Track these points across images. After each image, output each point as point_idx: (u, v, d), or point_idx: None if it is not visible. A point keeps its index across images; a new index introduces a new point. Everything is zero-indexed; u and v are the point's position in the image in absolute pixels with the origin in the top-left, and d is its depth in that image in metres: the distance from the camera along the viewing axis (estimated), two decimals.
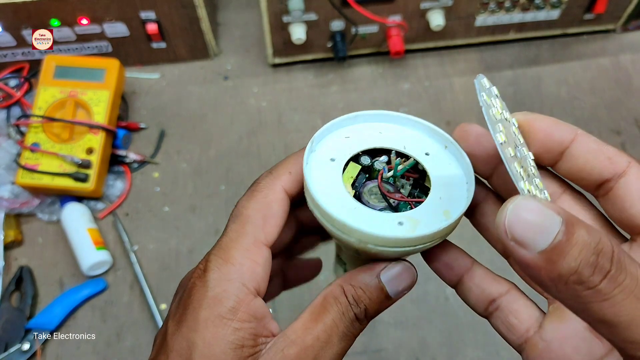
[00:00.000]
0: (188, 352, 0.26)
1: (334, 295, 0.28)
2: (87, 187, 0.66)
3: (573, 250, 0.20)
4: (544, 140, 0.28)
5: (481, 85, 0.26)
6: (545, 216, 0.21)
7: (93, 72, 0.70)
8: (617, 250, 0.20)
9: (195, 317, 0.26)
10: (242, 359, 0.26)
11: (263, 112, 0.77)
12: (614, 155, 0.27)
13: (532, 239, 0.21)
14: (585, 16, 0.79)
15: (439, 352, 0.61)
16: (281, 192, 0.29)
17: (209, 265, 0.28)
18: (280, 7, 0.70)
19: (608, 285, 0.20)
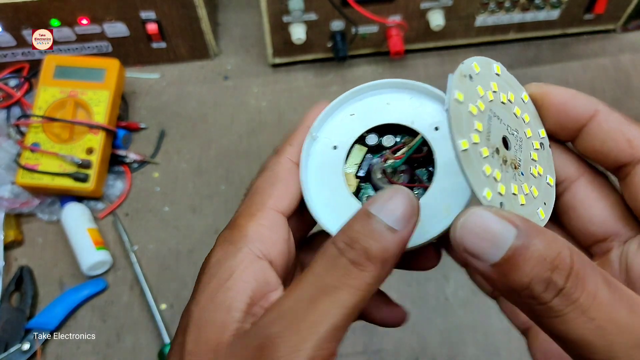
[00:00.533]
0: (185, 322, 0.25)
1: (321, 251, 0.23)
2: (87, 187, 0.66)
3: (525, 265, 0.19)
4: (559, 116, 0.26)
5: (460, 78, 0.23)
6: (498, 228, 0.20)
7: (93, 72, 0.70)
8: (577, 265, 0.19)
9: (198, 286, 0.26)
10: (226, 324, 0.23)
11: (263, 112, 0.77)
12: (635, 138, 0.24)
13: (483, 251, 0.20)
14: (585, 16, 0.79)
15: (439, 352, 0.61)
16: (288, 162, 0.29)
17: (218, 239, 0.27)
18: (280, 7, 0.70)
19: (560, 302, 0.19)
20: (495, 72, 0.26)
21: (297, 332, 0.21)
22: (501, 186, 0.23)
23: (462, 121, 0.22)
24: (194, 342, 0.23)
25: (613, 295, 0.19)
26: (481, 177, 0.22)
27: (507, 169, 0.24)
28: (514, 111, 0.25)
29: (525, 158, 0.25)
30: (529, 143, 0.25)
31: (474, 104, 0.23)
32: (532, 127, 0.26)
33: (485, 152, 0.23)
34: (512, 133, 0.25)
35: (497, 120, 0.24)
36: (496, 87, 0.25)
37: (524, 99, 0.26)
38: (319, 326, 0.21)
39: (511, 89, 0.26)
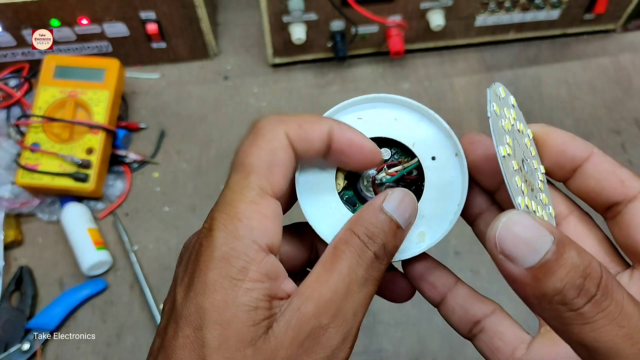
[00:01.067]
0: (198, 318, 0.24)
1: (345, 241, 0.25)
2: (87, 187, 0.66)
3: (560, 271, 0.20)
4: (557, 156, 0.28)
5: (494, 95, 0.25)
6: (537, 233, 0.21)
7: (93, 72, 0.70)
8: (605, 276, 0.20)
9: (203, 281, 0.24)
10: (256, 322, 0.24)
11: (263, 112, 0.77)
12: (627, 179, 0.26)
13: (521, 254, 0.21)
14: (585, 16, 0.79)
15: (439, 352, 0.61)
16: (285, 140, 0.26)
17: (214, 224, 0.25)
18: (280, 7, 0.70)
19: (591, 309, 0.20)
20: (512, 102, 0.27)
21: (345, 322, 0.24)
22: (528, 200, 0.24)
23: (500, 131, 0.24)
24: (219, 339, 0.24)
25: (637, 307, 0.20)
26: (516, 185, 0.23)
27: (528, 188, 0.25)
28: (525, 141, 0.27)
29: (536, 185, 0.26)
30: (537, 172, 0.27)
31: (505, 120, 0.25)
32: (537, 160, 0.28)
33: (516, 165, 0.24)
34: (526, 159, 0.26)
35: (517, 142, 0.26)
36: (515, 115, 0.27)
37: (530, 135, 0.28)
38: (359, 315, 0.25)
39: (521, 121, 0.27)
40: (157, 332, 0.26)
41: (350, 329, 0.24)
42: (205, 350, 0.23)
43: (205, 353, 0.23)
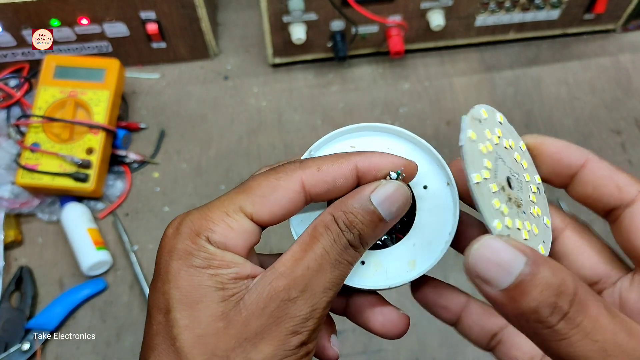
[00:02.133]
0: (166, 303, 0.25)
1: (324, 224, 0.26)
2: (87, 187, 0.66)
3: (534, 291, 0.21)
4: (552, 165, 0.28)
5: (471, 121, 0.25)
6: (509, 256, 0.21)
7: (93, 72, 0.70)
8: (580, 291, 0.21)
9: (167, 270, 0.26)
10: (225, 298, 0.25)
11: (263, 112, 0.77)
12: (624, 184, 0.26)
13: (495, 277, 0.22)
14: (585, 16, 0.79)
15: (439, 352, 0.61)
16: (296, 183, 0.27)
17: (185, 219, 0.27)
18: (280, 7, 0.70)
19: (565, 326, 0.21)
20: (499, 120, 0.28)
21: (314, 296, 0.25)
22: (508, 220, 0.25)
23: (475, 157, 0.24)
24: (188, 318, 0.25)
25: (613, 320, 0.21)
26: (492, 209, 0.24)
27: (512, 206, 0.25)
28: (515, 156, 0.27)
29: (526, 199, 0.27)
30: (528, 186, 0.27)
31: (484, 144, 0.25)
32: (530, 172, 0.28)
33: (495, 188, 0.25)
34: (514, 175, 0.27)
35: (502, 162, 0.26)
36: (500, 133, 0.27)
37: (522, 148, 0.28)
38: (328, 292, 0.26)
39: (511, 136, 0.28)
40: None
41: (318, 302, 0.26)
42: (175, 330, 0.25)
43: (176, 333, 0.25)
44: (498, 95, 0.78)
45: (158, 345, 0.25)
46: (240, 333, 0.25)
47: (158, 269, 0.27)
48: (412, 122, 0.75)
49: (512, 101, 0.77)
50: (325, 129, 0.75)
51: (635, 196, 0.26)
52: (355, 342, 0.62)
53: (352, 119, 0.76)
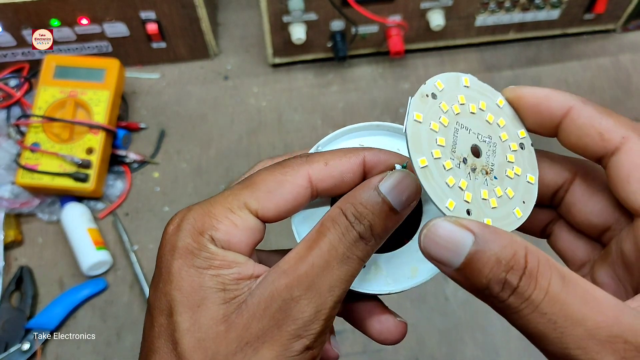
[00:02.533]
0: (168, 305, 0.25)
1: (331, 218, 0.25)
2: (87, 187, 0.66)
3: (484, 268, 0.21)
4: (534, 117, 0.27)
5: (419, 101, 0.25)
6: (456, 236, 0.22)
7: (93, 72, 0.70)
8: (531, 264, 0.21)
9: (168, 270, 0.25)
10: (227, 300, 0.24)
11: (263, 112, 0.77)
12: (606, 131, 0.25)
13: (445, 258, 0.22)
14: (585, 16, 0.79)
15: (439, 352, 0.61)
16: (303, 178, 0.26)
17: (187, 215, 0.26)
18: (280, 7, 0.70)
19: (515, 300, 0.21)
20: (464, 84, 0.27)
21: (319, 295, 0.24)
22: (467, 194, 0.25)
23: (422, 140, 0.24)
24: (190, 321, 0.24)
25: (566, 289, 0.21)
26: (443, 190, 0.24)
27: (477, 176, 0.25)
28: (486, 118, 0.27)
29: (500, 162, 0.27)
30: (505, 146, 0.27)
31: (436, 121, 0.25)
32: (510, 129, 0.27)
33: (449, 165, 0.25)
34: (484, 140, 0.26)
35: (465, 131, 0.26)
36: (463, 100, 0.27)
37: (499, 104, 0.28)
38: (335, 290, 0.24)
39: (483, 97, 0.27)
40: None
41: (323, 302, 0.24)
42: (177, 334, 0.24)
43: (177, 337, 0.24)
44: None
45: (160, 349, 0.25)
46: (241, 337, 0.24)
47: (159, 268, 0.26)
48: None
49: None
50: (325, 128, 0.75)
51: (619, 143, 0.25)
52: (355, 342, 0.62)
53: (352, 119, 0.76)
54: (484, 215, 0.25)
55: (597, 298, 0.21)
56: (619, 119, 0.25)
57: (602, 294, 0.21)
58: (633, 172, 0.24)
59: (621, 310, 0.20)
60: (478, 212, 0.25)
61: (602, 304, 0.20)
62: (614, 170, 0.25)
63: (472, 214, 0.25)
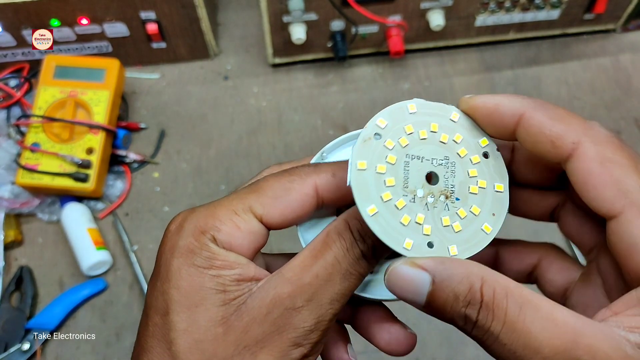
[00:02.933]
0: (164, 304, 0.24)
1: (337, 231, 0.25)
2: (87, 187, 0.66)
3: (445, 305, 0.22)
4: (488, 127, 0.27)
5: (362, 144, 0.25)
6: (414, 278, 0.22)
7: (93, 72, 0.70)
8: (487, 297, 0.21)
9: (167, 268, 0.25)
10: (226, 301, 0.24)
11: (263, 112, 0.77)
12: (557, 138, 0.24)
13: (411, 298, 0.23)
14: (585, 16, 0.79)
15: (439, 352, 0.61)
16: (310, 187, 0.26)
17: (190, 216, 0.26)
18: (280, 7, 0.70)
19: (477, 332, 0.21)
20: (410, 112, 0.27)
21: (320, 307, 0.24)
22: (426, 228, 0.25)
23: (369, 187, 0.25)
24: (187, 321, 0.24)
25: (523, 317, 0.21)
26: (398, 231, 0.24)
27: (436, 204, 0.25)
28: (440, 139, 0.26)
29: (461, 180, 0.26)
30: (464, 162, 0.26)
31: (382, 162, 0.25)
32: (469, 142, 0.27)
33: (401, 203, 0.25)
34: (441, 163, 0.26)
35: (417, 160, 0.26)
36: (411, 129, 0.26)
37: (454, 119, 0.27)
38: (335, 304, 0.24)
39: (434, 117, 0.27)
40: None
41: (324, 313, 0.24)
42: (172, 333, 0.24)
43: (173, 336, 0.24)
44: None
45: (153, 348, 0.24)
46: (239, 340, 0.23)
47: (158, 266, 0.26)
48: None
49: None
50: (325, 129, 0.75)
51: (570, 149, 0.24)
52: (355, 341, 0.61)
53: (352, 119, 0.76)
54: (447, 242, 0.25)
55: (555, 321, 0.20)
56: (571, 122, 0.24)
57: (561, 315, 0.21)
58: (588, 179, 0.23)
59: (580, 330, 0.20)
60: (441, 241, 0.25)
61: (560, 327, 0.20)
62: (572, 177, 0.24)
63: (434, 245, 0.25)
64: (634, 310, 0.21)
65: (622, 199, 0.23)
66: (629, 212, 0.22)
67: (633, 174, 0.23)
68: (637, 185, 0.23)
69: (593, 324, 0.21)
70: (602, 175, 0.23)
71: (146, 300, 0.26)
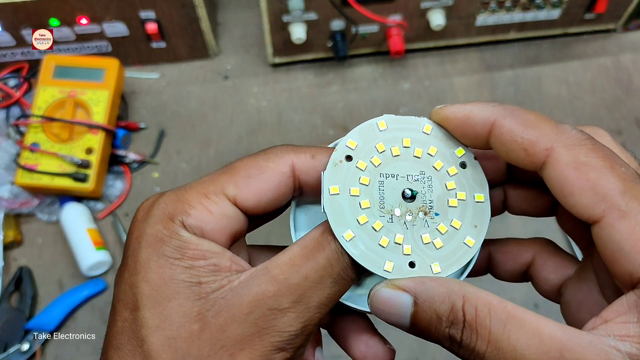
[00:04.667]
0: (134, 298, 0.23)
1: (332, 232, 0.24)
2: (87, 187, 0.66)
3: (429, 326, 0.22)
4: (462, 138, 0.26)
5: (333, 168, 0.25)
6: (396, 301, 0.22)
7: (92, 72, 0.70)
8: (469, 315, 0.21)
9: (135, 259, 0.23)
10: (202, 295, 0.22)
11: (263, 112, 0.77)
12: (529, 146, 0.23)
13: (395, 321, 0.23)
14: (586, 16, 0.79)
15: (439, 352, 0.61)
16: (286, 166, 0.25)
17: (158, 200, 0.24)
18: (280, 6, 0.70)
19: (464, 353, 0.21)
20: (380, 129, 0.26)
21: (308, 310, 0.23)
22: (406, 247, 0.24)
23: (343, 212, 0.24)
24: (159, 317, 0.22)
25: (507, 332, 0.20)
26: (378, 254, 0.24)
27: (415, 222, 0.25)
28: (414, 154, 0.26)
29: (439, 194, 0.26)
30: (441, 175, 0.26)
31: (356, 184, 0.25)
32: (444, 154, 0.26)
33: (379, 225, 0.24)
34: (417, 179, 0.26)
35: (392, 178, 0.25)
36: (383, 147, 0.26)
37: (427, 131, 0.26)
38: (323, 308, 0.23)
39: (406, 132, 0.26)
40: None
41: (311, 318, 0.23)
42: (144, 330, 0.22)
43: (144, 334, 0.22)
44: (498, 95, 0.77)
45: (123, 346, 0.22)
46: (216, 339, 0.22)
47: (125, 257, 0.24)
48: None
49: (512, 101, 0.77)
50: (325, 128, 0.74)
51: (544, 156, 0.23)
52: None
53: (352, 118, 0.75)
54: (429, 260, 0.24)
55: (541, 336, 0.20)
56: (542, 128, 0.23)
57: (547, 330, 0.20)
58: (564, 185, 0.22)
59: (567, 344, 0.20)
60: (422, 260, 0.24)
61: (546, 343, 0.20)
62: (548, 184, 0.23)
63: (416, 265, 0.24)
64: (624, 317, 0.21)
65: (601, 203, 0.22)
66: (610, 216, 0.22)
67: (610, 175, 0.22)
68: (614, 187, 0.22)
69: (581, 336, 0.20)
70: (578, 181, 0.22)
71: (114, 293, 0.24)
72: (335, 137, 0.31)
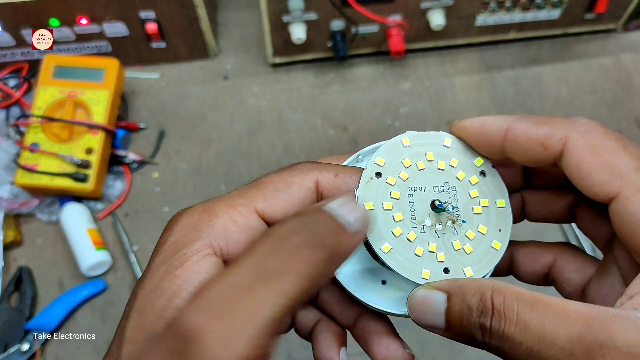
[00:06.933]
0: (130, 304, 0.23)
1: (267, 231, 0.22)
2: (87, 187, 0.66)
3: (462, 319, 0.22)
4: (478, 148, 0.28)
5: (365, 186, 0.26)
6: (431, 300, 0.23)
7: (92, 72, 0.70)
8: (497, 301, 0.22)
9: (149, 264, 0.24)
10: (170, 311, 0.21)
11: (263, 112, 0.77)
12: (545, 139, 0.25)
13: (431, 322, 0.24)
14: (586, 16, 0.79)
15: (439, 352, 0.61)
16: (311, 182, 0.26)
17: (188, 211, 0.25)
18: (280, 6, 0.70)
19: (495, 341, 0.22)
20: (404, 145, 0.27)
21: (229, 325, 0.18)
22: (439, 255, 0.26)
23: (379, 226, 0.26)
24: (132, 329, 0.22)
25: (534, 314, 0.21)
26: (414, 263, 0.25)
27: (445, 230, 0.26)
28: (437, 167, 0.27)
29: (465, 203, 0.27)
30: (464, 184, 0.27)
31: (388, 199, 0.26)
32: (465, 165, 0.28)
33: (413, 236, 0.26)
34: (443, 189, 0.27)
35: (420, 191, 0.27)
36: (409, 162, 0.27)
37: (447, 144, 0.28)
38: (255, 318, 0.18)
39: (428, 147, 0.28)
40: None
41: (234, 334, 0.18)
42: (121, 340, 0.22)
43: (121, 344, 0.22)
44: (499, 95, 0.77)
45: (111, 352, 0.23)
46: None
47: (149, 259, 0.24)
48: (413, 122, 0.75)
49: (512, 101, 0.77)
50: (325, 128, 0.74)
51: (561, 146, 0.24)
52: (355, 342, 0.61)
53: (352, 118, 0.75)
54: (462, 265, 0.26)
55: (568, 312, 0.20)
56: (555, 122, 0.25)
57: (573, 307, 0.21)
58: (581, 167, 0.24)
59: (595, 316, 0.20)
60: (455, 266, 0.26)
61: (573, 317, 0.20)
62: (567, 171, 0.25)
63: (450, 271, 0.26)
64: None
65: (616, 180, 0.23)
66: (626, 191, 0.23)
67: (623, 155, 0.24)
68: (629, 165, 0.23)
69: (606, 310, 0.21)
70: (594, 161, 0.24)
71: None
72: (335, 137, 0.31)
